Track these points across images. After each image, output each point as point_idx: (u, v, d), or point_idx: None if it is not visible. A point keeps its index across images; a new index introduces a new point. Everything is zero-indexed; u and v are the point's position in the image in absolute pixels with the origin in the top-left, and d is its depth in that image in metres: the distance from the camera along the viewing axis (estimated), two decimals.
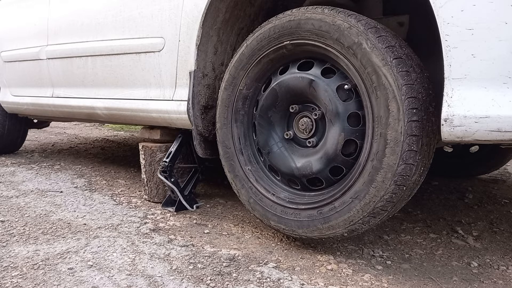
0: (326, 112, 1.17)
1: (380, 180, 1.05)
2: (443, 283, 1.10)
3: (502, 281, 1.12)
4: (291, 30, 1.19)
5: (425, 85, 1.05)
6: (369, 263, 1.21)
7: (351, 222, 1.11)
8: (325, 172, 1.19)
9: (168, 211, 1.63)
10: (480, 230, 1.51)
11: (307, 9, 1.17)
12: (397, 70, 1.01)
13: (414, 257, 1.27)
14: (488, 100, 0.89)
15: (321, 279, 1.09)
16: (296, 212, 1.22)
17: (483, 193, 2.01)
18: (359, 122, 1.14)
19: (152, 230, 1.42)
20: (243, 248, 1.29)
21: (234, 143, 1.37)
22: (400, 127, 1.01)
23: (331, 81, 1.17)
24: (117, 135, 4.22)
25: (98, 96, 1.91)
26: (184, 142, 1.71)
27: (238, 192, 1.38)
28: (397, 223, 1.57)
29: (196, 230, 1.44)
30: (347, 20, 1.08)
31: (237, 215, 1.63)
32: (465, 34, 0.89)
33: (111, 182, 2.12)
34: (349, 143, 1.15)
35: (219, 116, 1.40)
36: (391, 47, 1.04)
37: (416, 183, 1.08)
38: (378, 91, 1.04)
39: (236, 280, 1.07)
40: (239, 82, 1.34)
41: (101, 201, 1.76)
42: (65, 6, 2.05)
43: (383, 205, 1.07)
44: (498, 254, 1.30)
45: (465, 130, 0.91)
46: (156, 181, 1.73)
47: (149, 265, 1.15)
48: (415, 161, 1.03)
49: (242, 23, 1.53)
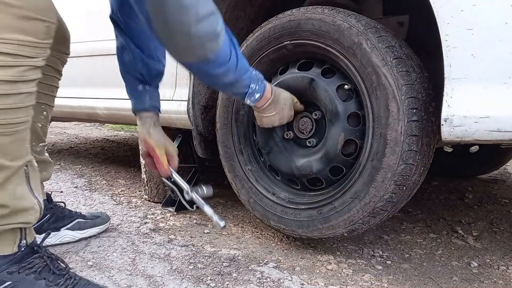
0: (326, 112, 1.17)
1: (380, 180, 1.05)
2: (443, 283, 1.10)
3: (502, 281, 1.12)
4: (291, 30, 1.19)
5: (425, 85, 1.05)
6: (369, 263, 1.21)
7: (351, 222, 1.11)
8: (325, 172, 1.19)
9: (168, 211, 1.64)
10: (480, 230, 1.51)
11: (307, 9, 1.17)
12: (397, 70, 1.01)
13: (414, 257, 1.27)
14: (488, 100, 0.89)
15: (321, 279, 1.09)
16: (296, 212, 1.22)
17: (483, 193, 2.01)
18: (359, 122, 1.14)
19: (152, 230, 1.42)
20: (243, 248, 1.29)
21: (234, 143, 1.37)
22: (400, 127, 1.01)
23: (331, 81, 1.17)
24: (117, 135, 4.22)
25: (98, 96, 1.91)
26: (184, 142, 1.71)
27: (238, 192, 1.38)
28: (397, 223, 1.57)
29: (196, 230, 1.45)
30: (347, 20, 1.08)
31: (237, 215, 1.63)
32: (465, 34, 0.89)
33: (111, 182, 2.12)
34: (349, 143, 1.15)
35: (219, 116, 1.40)
36: (391, 47, 1.04)
37: (416, 183, 1.08)
38: (378, 91, 1.04)
39: (236, 280, 1.07)
40: None
41: (101, 201, 1.77)
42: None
43: (383, 205, 1.07)
44: (498, 254, 1.30)
45: (465, 130, 0.91)
46: (156, 181, 1.73)
47: (149, 265, 1.15)
48: (415, 161, 1.03)
49: (242, 23, 1.53)
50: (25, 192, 0.89)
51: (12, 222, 0.86)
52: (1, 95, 0.78)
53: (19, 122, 0.83)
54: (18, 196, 0.86)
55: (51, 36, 0.85)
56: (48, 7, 0.83)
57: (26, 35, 0.79)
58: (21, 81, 0.81)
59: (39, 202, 0.92)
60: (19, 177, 0.86)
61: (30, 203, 0.89)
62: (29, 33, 0.79)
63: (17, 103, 0.81)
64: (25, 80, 0.81)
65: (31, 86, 0.84)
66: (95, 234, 1.34)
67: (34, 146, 1.19)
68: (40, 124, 1.19)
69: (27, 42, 0.79)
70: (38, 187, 0.94)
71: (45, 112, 1.18)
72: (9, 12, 0.76)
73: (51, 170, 1.29)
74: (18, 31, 0.78)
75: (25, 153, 0.88)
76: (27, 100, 0.84)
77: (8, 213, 0.85)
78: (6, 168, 0.82)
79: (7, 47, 0.77)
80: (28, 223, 0.90)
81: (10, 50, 0.77)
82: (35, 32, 0.80)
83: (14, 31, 0.77)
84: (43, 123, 1.20)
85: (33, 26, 0.80)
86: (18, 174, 0.86)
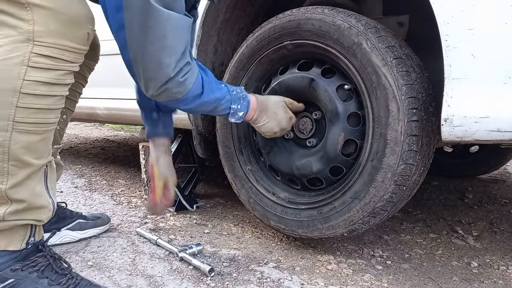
0: (326, 112, 1.17)
1: (380, 180, 1.05)
2: (443, 283, 1.10)
3: (502, 281, 1.12)
4: (291, 30, 1.19)
5: (425, 85, 1.05)
6: (369, 263, 1.21)
7: (351, 222, 1.11)
8: (325, 172, 1.19)
9: (168, 211, 1.64)
10: (480, 230, 1.51)
11: (307, 9, 1.17)
12: (397, 70, 1.01)
13: (414, 257, 1.27)
14: (488, 100, 0.89)
15: (321, 279, 1.09)
16: (296, 212, 1.22)
17: (483, 193, 2.01)
18: (359, 122, 1.14)
19: (152, 230, 1.42)
20: (243, 248, 1.29)
21: (234, 143, 1.37)
22: (400, 127, 1.01)
23: (331, 81, 1.17)
24: (117, 135, 4.22)
25: (98, 96, 1.91)
26: (184, 142, 1.72)
27: (238, 192, 1.38)
28: (397, 223, 1.57)
29: (196, 230, 1.45)
30: (347, 20, 1.08)
31: (237, 215, 1.63)
32: (465, 34, 0.89)
33: (111, 182, 2.12)
34: (349, 143, 1.15)
35: (219, 116, 1.40)
36: (391, 47, 1.04)
37: (416, 183, 1.08)
38: (378, 91, 1.04)
39: (236, 280, 1.07)
40: (239, 82, 1.34)
41: (101, 201, 1.77)
42: None
43: (383, 205, 1.07)
44: (498, 254, 1.30)
45: (465, 130, 0.91)
46: None
47: (149, 265, 1.15)
48: (415, 161, 1.03)
49: (242, 23, 1.53)
50: (43, 190, 0.92)
51: (26, 218, 0.89)
52: (40, 96, 0.82)
53: (49, 122, 0.87)
54: (36, 193, 0.89)
55: (89, 43, 0.89)
56: (89, 15, 0.87)
57: (68, 41, 0.83)
58: (58, 84, 0.84)
59: (53, 202, 0.95)
60: (39, 175, 0.89)
61: (45, 201, 0.92)
62: (71, 39, 0.83)
63: (51, 105, 0.85)
64: (62, 84, 0.85)
65: (65, 90, 0.88)
66: (95, 234, 1.34)
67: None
68: (59, 127, 1.21)
69: (69, 48, 0.83)
70: (53, 187, 0.97)
71: (65, 116, 1.21)
72: (54, 18, 0.80)
73: (61, 172, 1.31)
74: (62, 37, 0.81)
75: (48, 153, 0.91)
76: (59, 103, 0.87)
77: (24, 208, 0.87)
78: (31, 165, 0.86)
79: (51, 50, 0.81)
80: (40, 221, 0.92)
81: (53, 54, 0.81)
82: (76, 38, 0.84)
83: (58, 36, 0.81)
84: (61, 126, 1.23)
85: (76, 33, 0.83)
86: (39, 173, 0.89)
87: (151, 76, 0.88)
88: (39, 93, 0.82)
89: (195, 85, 0.96)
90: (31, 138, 0.84)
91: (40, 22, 0.79)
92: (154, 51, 0.85)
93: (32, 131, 0.83)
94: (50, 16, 0.79)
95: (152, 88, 0.91)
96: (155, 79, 0.88)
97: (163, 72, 0.87)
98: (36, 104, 0.82)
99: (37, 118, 0.83)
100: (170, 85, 0.90)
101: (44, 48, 0.80)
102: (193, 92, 0.97)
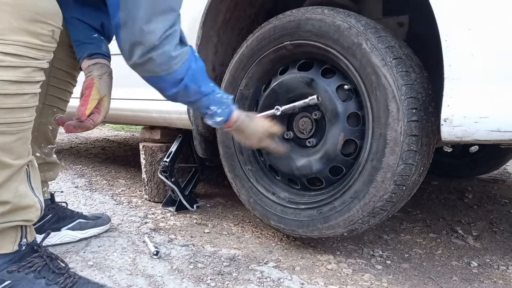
0: (326, 112, 1.17)
1: (379, 180, 1.05)
2: (443, 282, 1.10)
3: (502, 281, 1.12)
4: (291, 31, 1.19)
5: (424, 85, 1.05)
6: (369, 263, 1.21)
7: (350, 221, 1.11)
8: (325, 172, 1.19)
9: (169, 211, 1.64)
10: (480, 230, 1.51)
11: (307, 9, 1.17)
12: (396, 70, 1.02)
13: (414, 256, 1.27)
14: (488, 100, 0.89)
15: (321, 279, 1.09)
16: (296, 211, 1.22)
17: (483, 193, 2.01)
18: (359, 122, 1.14)
19: (153, 229, 1.42)
20: (243, 248, 1.29)
21: (234, 143, 1.38)
22: (399, 127, 1.01)
23: (331, 81, 1.17)
24: (118, 135, 4.23)
25: None
26: (185, 142, 1.72)
27: (238, 192, 1.38)
28: (397, 222, 1.57)
29: (197, 229, 1.45)
30: (347, 21, 1.08)
31: (237, 214, 1.63)
32: (465, 34, 0.89)
33: (111, 182, 2.13)
34: (349, 143, 1.15)
35: None
36: (390, 48, 1.04)
37: (415, 183, 1.09)
38: (378, 91, 1.04)
39: (236, 279, 1.07)
40: (240, 82, 1.34)
41: (101, 201, 1.77)
42: None
43: (383, 205, 1.07)
44: (498, 254, 1.30)
45: (465, 130, 0.91)
46: (156, 181, 1.74)
47: (150, 265, 1.15)
48: (415, 161, 1.03)
49: (242, 24, 1.53)
50: (27, 190, 0.90)
51: (14, 220, 0.88)
52: (8, 95, 0.80)
53: (23, 122, 0.85)
54: (20, 194, 0.88)
55: (56, 40, 0.87)
56: (55, 12, 0.85)
57: (33, 38, 0.81)
58: (27, 82, 0.82)
59: (40, 201, 0.94)
60: (21, 175, 0.88)
61: (31, 201, 0.90)
62: (36, 36, 0.81)
63: (22, 103, 0.83)
64: (31, 81, 0.83)
65: (36, 87, 0.86)
66: (95, 234, 1.34)
67: (42, 148, 1.21)
68: (51, 127, 1.21)
69: (34, 45, 0.81)
70: (39, 186, 0.95)
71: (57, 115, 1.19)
72: (18, 14, 0.78)
73: (58, 171, 1.31)
74: (26, 34, 0.80)
75: (27, 152, 0.89)
76: (31, 101, 0.85)
77: (9, 210, 0.86)
78: (9, 166, 0.84)
79: (15, 48, 0.79)
80: (29, 221, 0.91)
81: (18, 51, 0.79)
82: (41, 35, 0.82)
83: (22, 33, 0.79)
84: (53, 126, 1.22)
85: (40, 30, 0.82)
86: (20, 173, 0.87)
87: (137, 40, 0.88)
88: (8, 92, 0.79)
89: (180, 69, 0.95)
90: (5, 139, 0.82)
91: (2, 20, 0.77)
92: (146, 11, 0.85)
93: (5, 131, 0.81)
94: (13, 13, 0.77)
95: (136, 54, 0.90)
96: (140, 43, 0.88)
97: (149, 37, 0.87)
98: (6, 104, 0.80)
99: (9, 118, 0.81)
100: (155, 54, 0.89)
101: (9, 46, 0.78)
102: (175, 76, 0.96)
